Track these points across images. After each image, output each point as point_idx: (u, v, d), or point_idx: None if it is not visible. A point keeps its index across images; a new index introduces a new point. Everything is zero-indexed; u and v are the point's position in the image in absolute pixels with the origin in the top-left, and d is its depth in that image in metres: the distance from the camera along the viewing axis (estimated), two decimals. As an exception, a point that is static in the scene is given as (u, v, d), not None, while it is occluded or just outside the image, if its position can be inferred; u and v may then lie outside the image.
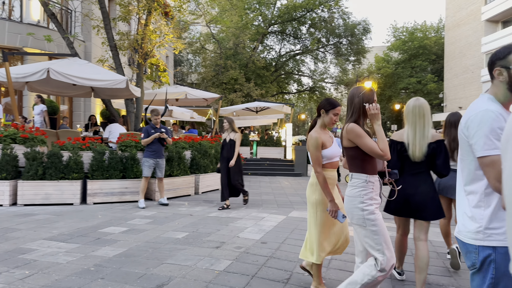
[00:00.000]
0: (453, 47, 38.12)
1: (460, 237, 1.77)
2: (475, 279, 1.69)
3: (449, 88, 38.81)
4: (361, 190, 2.58)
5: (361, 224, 2.57)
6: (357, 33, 28.52)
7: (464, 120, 1.76)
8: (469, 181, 1.74)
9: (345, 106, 31.83)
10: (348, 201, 2.64)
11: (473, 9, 34.93)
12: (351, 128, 2.56)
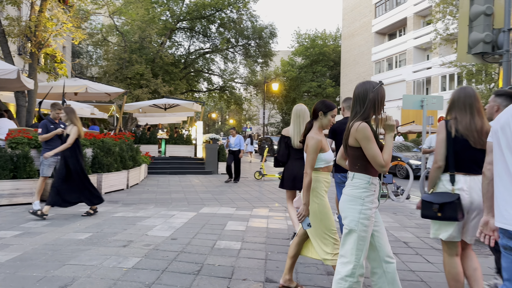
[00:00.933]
0: (348, 55, 41.97)
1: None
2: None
3: (345, 92, 42.60)
4: (363, 192, 2.48)
5: (352, 227, 2.47)
6: (265, 36, 29.62)
7: None
8: None
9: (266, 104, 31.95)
10: (346, 200, 2.53)
11: (365, 21, 38.89)
12: (362, 128, 2.42)
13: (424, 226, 6.03)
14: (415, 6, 31.71)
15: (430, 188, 2.90)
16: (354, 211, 2.48)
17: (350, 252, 2.48)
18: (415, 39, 31.68)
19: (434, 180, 2.86)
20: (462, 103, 2.82)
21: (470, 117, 2.77)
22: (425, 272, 3.91)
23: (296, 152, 4.50)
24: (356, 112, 2.54)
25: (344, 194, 2.57)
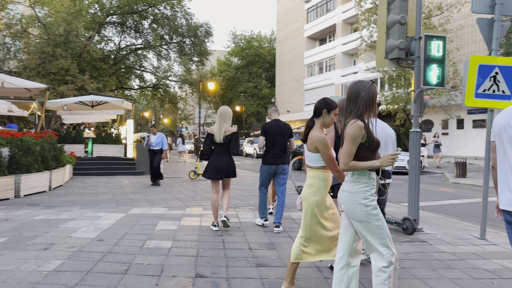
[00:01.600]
0: (283, 57, 43.21)
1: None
2: None
3: (280, 94, 43.80)
4: (364, 186, 2.55)
5: (365, 220, 2.52)
6: (200, 34, 29.32)
7: None
8: None
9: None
10: (348, 197, 2.57)
11: (298, 26, 40.33)
12: (356, 125, 2.50)
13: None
14: (343, 14, 33.59)
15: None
16: (359, 206, 2.54)
17: (376, 244, 2.53)
18: (343, 45, 33.56)
19: None
20: (341, 109, 3.51)
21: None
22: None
23: (219, 147, 5.36)
24: (350, 111, 2.61)
25: (345, 191, 2.60)
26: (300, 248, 3.10)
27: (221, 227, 5.54)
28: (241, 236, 5.03)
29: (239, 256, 4.17)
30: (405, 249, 4.69)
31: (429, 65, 5.49)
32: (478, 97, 5.24)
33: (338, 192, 2.72)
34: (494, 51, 5.26)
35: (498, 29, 5.26)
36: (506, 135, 2.36)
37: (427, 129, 26.47)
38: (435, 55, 5.50)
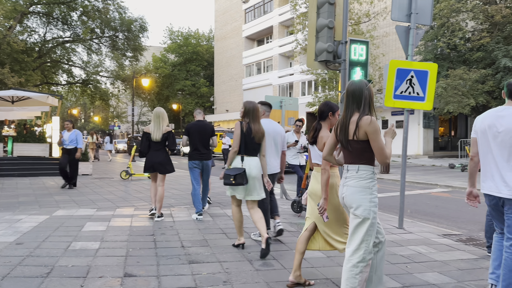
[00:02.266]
0: (221, 56, 43.19)
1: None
2: None
3: (218, 93, 43.73)
4: (370, 182, 2.63)
5: (366, 216, 2.60)
6: (134, 29, 28.23)
7: None
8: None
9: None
10: (355, 192, 2.63)
11: (236, 25, 40.58)
12: (374, 121, 2.57)
13: (281, 213, 6.67)
14: (280, 16, 34.48)
15: (229, 165, 4.21)
16: (365, 201, 2.61)
17: (361, 239, 2.61)
18: (280, 47, 34.46)
19: (231, 159, 4.21)
20: (251, 112, 4.18)
21: (255, 121, 4.19)
22: (277, 251, 4.35)
23: (155, 145, 5.88)
24: (353, 108, 2.65)
25: (351, 186, 2.66)
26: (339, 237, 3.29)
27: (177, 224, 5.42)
28: (174, 235, 4.98)
29: (171, 254, 4.13)
30: (332, 240, 4.97)
31: (353, 68, 5.88)
32: (396, 98, 5.72)
33: (339, 189, 2.83)
34: (410, 56, 5.77)
35: (414, 36, 5.78)
36: (491, 133, 2.92)
37: (357, 129, 28.13)
38: (359, 59, 5.90)
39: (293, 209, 6.58)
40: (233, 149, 4.15)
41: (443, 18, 21.40)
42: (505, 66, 19.50)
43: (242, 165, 4.12)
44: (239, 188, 4.16)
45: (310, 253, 4.31)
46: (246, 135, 4.12)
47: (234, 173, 4.05)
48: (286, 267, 3.80)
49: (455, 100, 19.52)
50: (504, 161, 2.92)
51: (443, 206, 8.29)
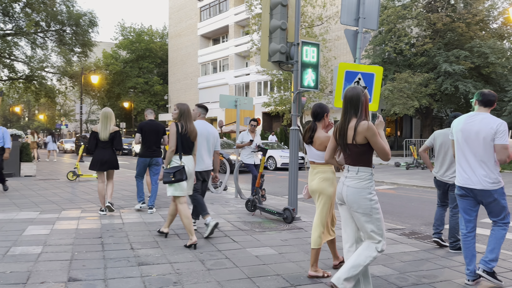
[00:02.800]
0: (176, 54, 42.41)
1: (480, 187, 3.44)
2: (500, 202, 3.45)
3: (173, 91, 42.90)
4: (368, 182, 2.85)
5: (368, 213, 2.82)
6: (83, 24, 26.92)
7: (497, 124, 3.35)
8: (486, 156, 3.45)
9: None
10: (355, 192, 2.83)
11: (191, 23, 40.04)
12: (371, 126, 2.75)
13: (235, 212, 6.69)
14: (235, 16, 34.50)
15: (167, 164, 4.41)
16: (365, 201, 2.81)
17: (377, 230, 2.84)
18: (236, 46, 34.49)
19: (169, 159, 4.41)
20: (185, 113, 4.53)
21: (189, 122, 4.54)
22: (230, 250, 4.37)
23: (103, 143, 6.17)
24: (351, 114, 2.83)
25: (351, 187, 2.85)
26: (320, 235, 3.59)
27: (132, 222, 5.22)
28: (123, 237, 4.83)
29: (120, 257, 4.00)
30: (284, 236, 5.07)
31: (305, 69, 6.02)
32: (345, 99, 5.94)
33: (338, 186, 3.01)
34: (358, 59, 6.02)
35: (361, 40, 6.04)
36: (463, 136, 3.52)
37: (311, 129, 28.84)
38: (310, 61, 6.06)
39: (247, 208, 6.63)
40: (170, 149, 4.40)
41: (390, 24, 22.53)
42: (446, 70, 20.92)
43: (180, 163, 4.39)
44: (181, 184, 4.40)
45: (263, 250, 4.37)
46: (182, 135, 4.44)
47: (173, 171, 4.29)
48: (239, 265, 3.82)
49: (400, 102, 20.62)
50: (474, 159, 3.46)
51: (389, 202, 8.73)
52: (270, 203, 7.76)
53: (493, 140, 3.38)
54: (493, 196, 3.43)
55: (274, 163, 16.92)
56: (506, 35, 25.06)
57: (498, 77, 22.76)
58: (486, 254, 3.51)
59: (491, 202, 3.46)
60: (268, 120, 32.23)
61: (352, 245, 3.01)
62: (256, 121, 8.08)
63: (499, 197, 3.45)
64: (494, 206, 3.48)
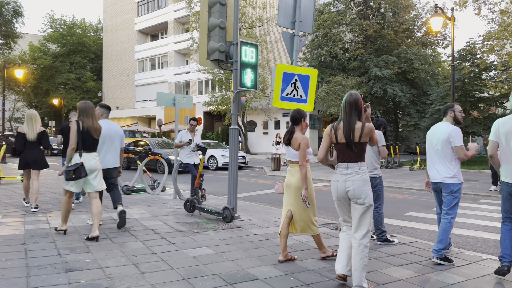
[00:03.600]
0: (111, 49, 40.43)
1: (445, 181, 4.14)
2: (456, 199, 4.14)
3: (108, 88, 40.85)
4: (368, 175, 3.28)
5: (371, 203, 3.22)
6: (6, 13, 24.73)
7: (449, 131, 4.11)
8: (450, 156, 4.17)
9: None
10: (362, 185, 3.20)
11: (128, 18, 38.44)
12: (373, 127, 3.25)
13: (173, 213, 6.55)
14: (175, 12, 33.77)
15: (68, 162, 4.58)
16: (369, 191, 3.22)
17: (369, 223, 3.23)
18: (176, 43, 33.76)
19: (70, 156, 4.57)
20: (85, 111, 4.68)
21: (90, 119, 4.67)
22: (166, 252, 4.27)
23: (30, 144, 6.45)
24: (355, 117, 3.23)
25: (357, 181, 3.21)
26: (312, 224, 4.01)
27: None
28: (50, 243, 4.50)
29: (45, 264, 3.73)
30: (223, 235, 5.07)
31: (244, 69, 6.07)
32: (283, 100, 6.08)
33: (335, 182, 3.34)
34: (294, 61, 6.20)
35: (298, 43, 6.23)
36: (432, 141, 4.30)
37: (251, 128, 29.16)
38: (249, 61, 6.12)
39: (186, 208, 6.52)
40: (70, 146, 4.55)
41: (326, 29, 23.53)
42: (376, 75, 22.33)
43: (80, 160, 4.55)
44: (79, 182, 4.62)
45: (200, 250, 4.33)
46: (83, 133, 4.60)
47: (73, 168, 4.48)
48: (174, 267, 3.75)
49: (335, 103, 21.63)
50: (438, 159, 4.22)
51: (324, 199, 9.11)
52: (210, 203, 7.72)
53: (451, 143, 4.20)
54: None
55: (216, 163, 16.84)
56: (428, 43, 27.38)
57: (422, 81, 24.80)
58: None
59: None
60: (210, 119, 32.01)
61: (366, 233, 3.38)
62: (195, 120, 7.97)
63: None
64: None
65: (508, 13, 14.57)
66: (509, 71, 15.96)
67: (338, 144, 3.28)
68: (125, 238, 4.85)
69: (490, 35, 14.76)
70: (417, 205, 8.14)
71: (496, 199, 9.12)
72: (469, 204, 8.43)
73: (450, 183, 4.11)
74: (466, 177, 13.09)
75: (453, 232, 5.81)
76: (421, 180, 12.45)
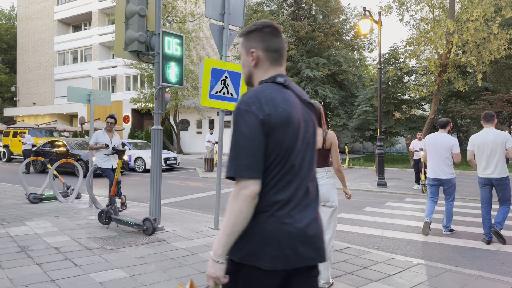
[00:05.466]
0: (26, 39, 36.59)
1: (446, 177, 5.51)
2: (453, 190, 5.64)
3: (23, 82, 36.92)
4: (333, 179, 3.53)
5: (337, 205, 3.49)
6: None
7: (453, 141, 5.53)
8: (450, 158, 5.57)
9: None
10: (330, 189, 3.44)
11: (46, 6, 35.04)
12: (334, 135, 3.54)
13: (86, 226, 5.72)
14: (100, 3, 31.45)
15: None
16: (335, 194, 3.47)
17: (335, 225, 3.53)
18: (101, 35, 31.47)
19: None
20: None
21: None
22: (67, 278, 3.54)
23: None
24: (321, 124, 3.48)
25: (326, 185, 3.42)
26: None
27: None
28: None
29: None
30: (141, 252, 4.43)
31: (168, 62, 5.45)
32: (212, 98, 5.58)
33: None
34: (224, 57, 5.73)
35: (227, 37, 5.76)
36: (435, 146, 5.61)
37: (184, 128, 28.15)
38: (173, 53, 5.52)
39: (101, 220, 5.73)
40: None
41: (260, 28, 23.38)
42: (307, 76, 22.71)
43: None
44: None
45: (111, 274, 3.67)
46: None
47: None
48: (74, 300, 3.06)
49: (269, 103, 21.59)
50: (440, 161, 5.50)
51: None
52: (132, 212, 6.96)
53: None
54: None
55: (143, 165, 15.76)
56: (356, 47, 28.64)
57: (350, 83, 25.82)
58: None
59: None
60: (139, 117, 30.32)
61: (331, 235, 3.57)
62: (113, 118, 7.12)
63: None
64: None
65: (428, 21, 15.57)
66: (428, 75, 17.11)
67: None
68: (19, 261, 4.01)
69: (411, 41, 15.64)
70: (347, 205, 8.15)
71: (420, 197, 9.51)
72: (396, 203, 8.65)
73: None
74: (390, 175, 13.69)
75: (384, 235, 5.77)
76: (351, 179, 12.72)
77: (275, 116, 1.35)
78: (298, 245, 1.36)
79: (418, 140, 10.81)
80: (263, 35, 1.49)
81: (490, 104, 18.05)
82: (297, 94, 1.51)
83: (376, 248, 5.05)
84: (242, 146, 1.32)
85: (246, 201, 1.31)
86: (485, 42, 14.08)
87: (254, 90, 1.41)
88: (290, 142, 1.38)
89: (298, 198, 1.40)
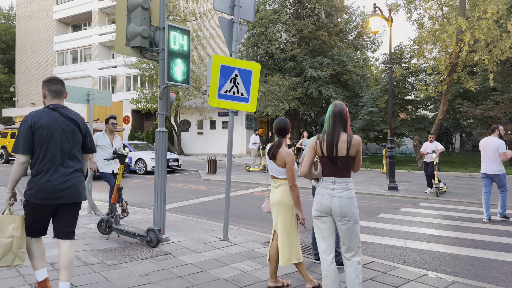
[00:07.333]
0: (25, 39, 36.16)
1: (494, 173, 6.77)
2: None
3: (22, 82, 36.49)
4: (354, 191, 3.03)
5: (358, 220, 2.99)
6: None
7: (498, 143, 6.67)
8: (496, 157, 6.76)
9: None
10: (348, 202, 2.95)
11: (45, 5, 34.61)
12: (360, 140, 3.00)
13: (85, 236, 5.28)
14: (100, 2, 31.02)
15: None
16: (356, 208, 2.98)
17: (358, 239, 3.01)
18: (100, 35, 31.03)
19: None
20: None
21: None
22: (62, 304, 3.10)
23: None
24: (341, 128, 2.99)
25: (344, 198, 2.95)
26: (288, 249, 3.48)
27: None
28: None
29: None
30: (145, 269, 3.99)
31: (173, 59, 5.01)
32: (220, 97, 5.15)
33: (319, 196, 3.03)
34: (234, 53, 5.30)
35: (238, 32, 5.33)
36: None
37: (185, 128, 27.70)
38: (180, 49, 5.08)
39: (101, 230, 5.30)
40: None
41: (262, 27, 23.00)
42: (311, 76, 22.28)
43: None
44: None
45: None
46: None
47: None
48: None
49: (272, 104, 21.16)
50: (489, 159, 6.66)
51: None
52: (134, 219, 6.52)
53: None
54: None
55: (144, 167, 15.32)
56: (359, 46, 28.22)
57: (354, 84, 25.38)
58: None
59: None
60: (139, 118, 29.87)
61: (333, 255, 3.08)
62: (116, 119, 6.69)
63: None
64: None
65: (437, 18, 15.13)
66: (434, 75, 16.68)
67: (324, 157, 3.02)
68: (7, 281, 3.58)
69: (420, 39, 15.21)
70: (361, 211, 7.69)
71: (434, 202, 9.08)
72: (410, 209, 8.21)
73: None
74: (399, 178, 13.26)
75: (407, 246, 5.34)
76: (359, 182, 12.28)
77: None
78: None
79: (429, 142, 10.38)
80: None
81: (497, 104, 17.61)
82: (62, 114, 3.01)
83: (402, 262, 4.61)
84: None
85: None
86: (496, 40, 13.65)
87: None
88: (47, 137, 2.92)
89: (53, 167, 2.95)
